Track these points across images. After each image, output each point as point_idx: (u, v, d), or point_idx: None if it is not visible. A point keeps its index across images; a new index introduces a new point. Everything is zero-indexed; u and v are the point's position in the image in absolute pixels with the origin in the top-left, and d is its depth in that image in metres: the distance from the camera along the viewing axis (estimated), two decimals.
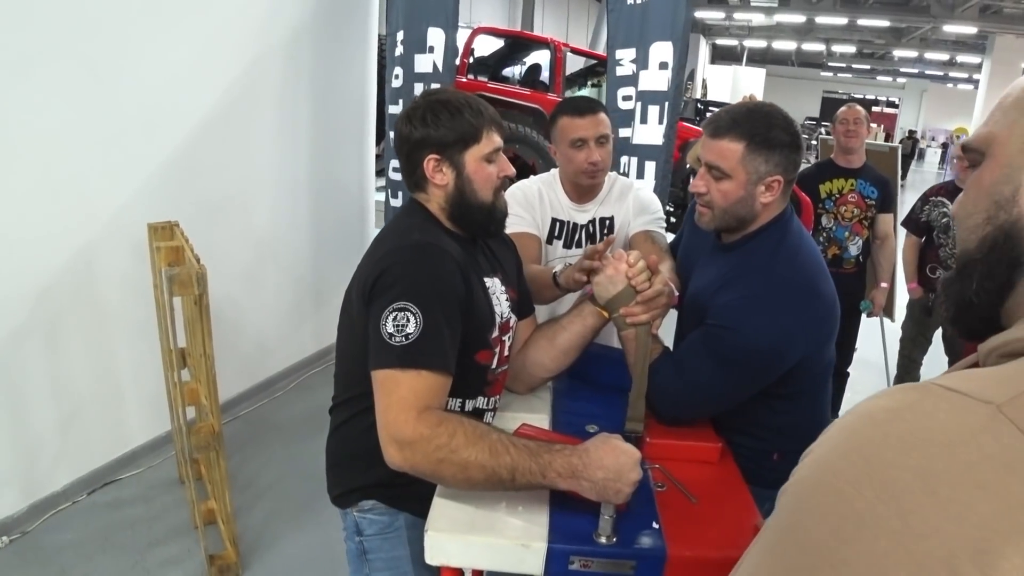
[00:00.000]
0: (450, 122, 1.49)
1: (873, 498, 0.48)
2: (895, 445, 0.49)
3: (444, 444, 1.27)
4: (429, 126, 1.49)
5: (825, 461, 0.53)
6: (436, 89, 1.59)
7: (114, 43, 2.95)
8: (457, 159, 1.52)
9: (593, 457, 1.27)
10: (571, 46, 8.51)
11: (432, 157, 1.50)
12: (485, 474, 1.27)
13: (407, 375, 1.31)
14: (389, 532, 1.57)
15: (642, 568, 1.27)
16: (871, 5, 20.32)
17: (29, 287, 2.78)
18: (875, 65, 33.88)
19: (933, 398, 0.52)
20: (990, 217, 0.65)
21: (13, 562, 2.70)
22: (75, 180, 2.87)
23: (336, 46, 4.49)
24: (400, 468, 1.30)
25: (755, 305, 1.55)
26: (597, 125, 2.18)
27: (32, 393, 2.86)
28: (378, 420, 1.32)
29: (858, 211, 3.71)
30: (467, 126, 1.50)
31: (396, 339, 1.31)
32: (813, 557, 0.50)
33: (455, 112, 1.50)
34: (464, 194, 1.53)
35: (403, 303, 1.33)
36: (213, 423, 2.56)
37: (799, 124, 3.70)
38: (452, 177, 1.52)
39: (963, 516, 0.45)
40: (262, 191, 4.01)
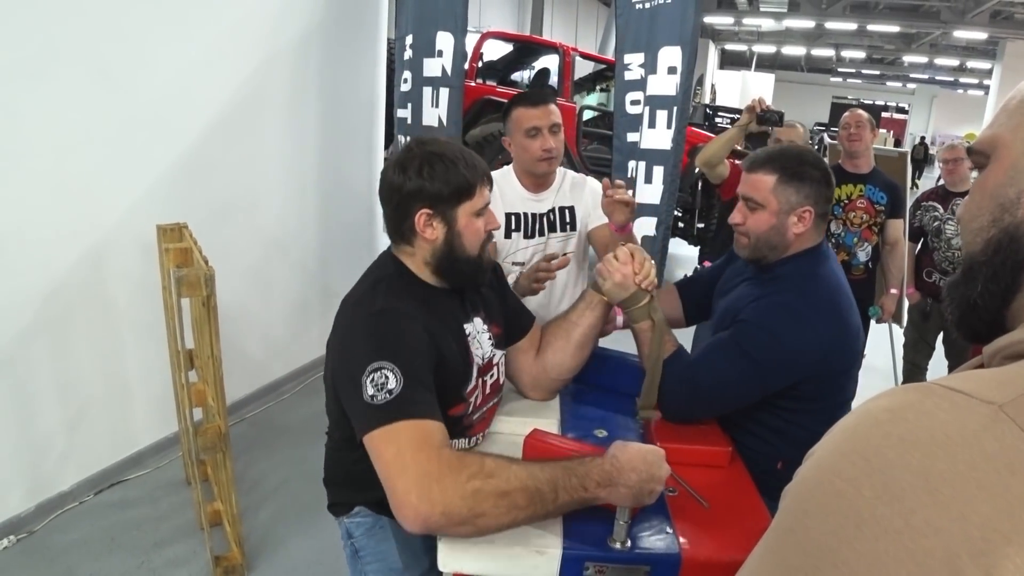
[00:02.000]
0: (445, 175, 1.44)
1: (873, 498, 0.48)
2: (896, 445, 0.49)
3: (477, 472, 1.21)
4: (424, 179, 1.44)
5: (826, 461, 0.53)
6: (429, 139, 1.52)
7: (125, 46, 2.96)
8: (449, 214, 1.47)
9: (624, 462, 1.27)
10: (580, 50, 8.51)
11: (424, 211, 1.45)
12: (528, 495, 1.21)
13: (404, 426, 1.25)
14: (375, 530, 1.59)
15: (657, 572, 1.27)
16: (881, 10, 20.30)
17: (39, 286, 2.79)
18: (885, 71, 33.83)
19: (935, 398, 0.51)
20: (995, 220, 0.65)
21: (20, 561, 2.71)
22: (85, 181, 2.88)
23: (345, 50, 4.50)
24: (428, 523, 1.18)
25: (783, 310, 1.64)
26: (549, 115, 2.32)
27: (40, 393, 2.87)
28: (387, 480, 1.23)
29: (867, 217, 3.69)
30: (462, 180, 1.46)
31: (379, 398, 1.27)
32: (814, 557, 0.50)
33: (450, 165, 1.45)
34: (453, 249, 1.49)
35: (378, 363, 1.29)
36: (220, 424, 2.56)
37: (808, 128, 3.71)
38: (442, 232, 1.48)
39: (965, 516, 0.45)
40: (270, 193, 4.01)
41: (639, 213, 4.04)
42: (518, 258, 2.45)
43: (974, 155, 0.70)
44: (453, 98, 4.48)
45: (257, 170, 3.87)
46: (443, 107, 4.51)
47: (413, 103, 4.59)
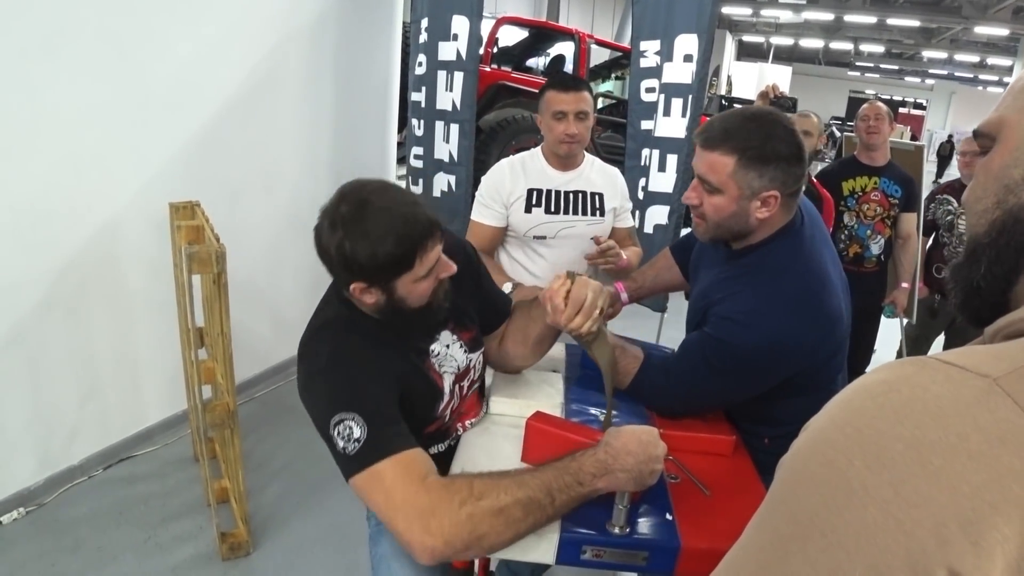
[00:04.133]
0: (372, 253, 1.28)
1: (864, 468, 0.48)
2: (889, 416, 0.50)
3: (467, 496, 1.19)
4: (350, 255, 1.29)
5: (820, 431, 0.54)
6: (361, 194, 1.31)
7: (141, 22, 2.97)
8: (387, 285, 1.34)
9: (618, 447, 1.25)
10: (596, 37, 8.47)
11: (358, 285, 1.33)
12: (523, 507, 1.19)
13: (382, 467, 1.23)
14: None
15: (655, 559, 1.27)
16: (901, 4, 20.12)
17: (52, 262, 2.81)
18: (903, 65, 33.54)
19: (929, 371, 0.52)
20: (999, 201, 0.65)
21: (29, 533, 2.74)
22: (99, 158, 2.90)
23: (361, 32, 4.49)
24: (436, 554, 1.18)
25: (755, 320, 1.52)
26: (579, 101, 2.38)
27: (52, 367, 2.89)
28: (386, 522, 1.23)
29: (881, 210, 3.67)
30: (393, 259, 1.30)
31: (349, 448, 1.25)
32: (804, 526, 0.51)
33: (378, 242, 1.28)
34: (396, 307, 1.38)
35: (338, 416, 1.26)
36: (228, 401, 2.58)
37: (824, 123, 3.68)
38: (382, 298, 1.36)
39: (954, 486, 0.45)
40: (284, 174, 4.02)
41: (653, 201, 4.04)
42: (539, 232, 2.50)
43: (980, 137, 0.69)
44: (467, 82, 4.47)
45: (271, 150, 3.88)
46: (457, 91, 4.50)
47: (427, 87, 4.58)
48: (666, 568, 1.27)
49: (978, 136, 0.70)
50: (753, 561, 0.56)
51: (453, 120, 4.53)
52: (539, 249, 2.53)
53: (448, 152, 4.60)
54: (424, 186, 4.82)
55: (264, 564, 2.70)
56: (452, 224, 4.69)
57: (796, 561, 0.51)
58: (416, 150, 4.81)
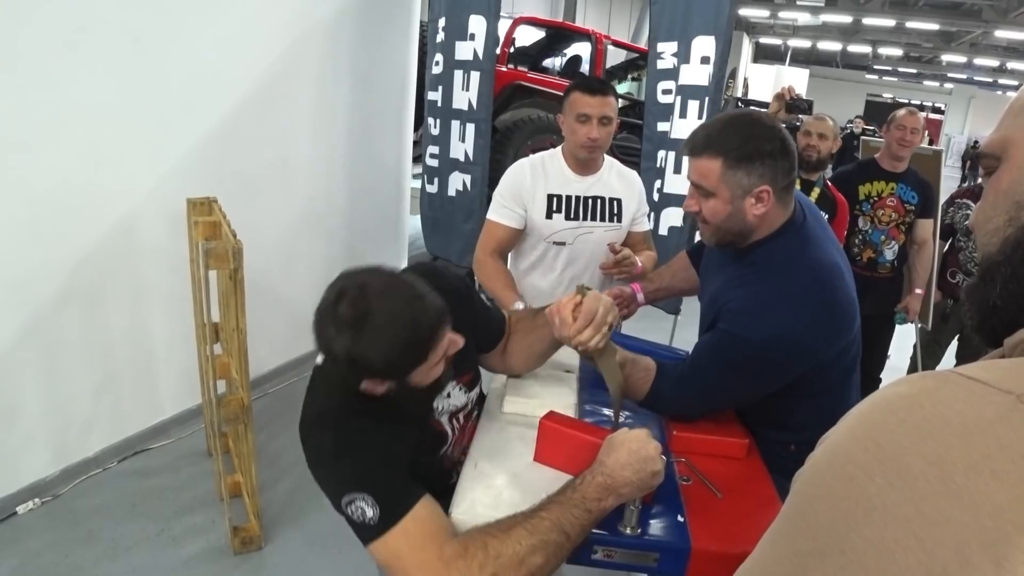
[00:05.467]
0: (390, 359, 1.23)
1: (885, 484, 0.48)
2: (911, 432, 0.49)
3: (484, 560, 1.17)
4: (367, 361, 1.23)
5: (839, 446, 0.53)
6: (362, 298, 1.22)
7: (160, 19, 2.99)
8: (400, 379, 1.30)
9: (612, 465, 1.25)
10: (612, 38, 8.46)
11: (370, 383, 1.29)
12: (543, 553, 1.18)
13: (397, 533, 1.23)
14: None
15: (665, 560, 1.27)
16: (920, 7, 19.96)
17: (70, 255, 2.84)
18: (922, 69, 33.24)
19: (952, 386, 0.51)
20: (1011, 218, 0.65)
21: (44, 523, 2.77)
22: (118, 152, 2.92)
23: (378, 30, 4.51)
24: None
25: (766, 311, 1.53)
26: (603, 106, 2.35)
27: (69, 360, 2.92)
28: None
29: (896, 216, 3.64)
30: (409, 361, 1.28)
31: (366, 522, 1.24)
32: (822, 542, 0.50)
33: (391, 347, 1.22)
34: (402, 395, 1.34)
35: (349, 496, 1.25)
36: (243, 396, 2.60)
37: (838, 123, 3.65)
38: (394, 386, 1.31)
39: (977, 505, 0.45)
40: (300, 170, 4.04)
41: (668, 203, 4.04)
42: (559, 238, 2.50)
43: (984, 159, 0.70)
44: (484, 82, 4.49)
45: (288, 147, 3.90)
46: (473, 91, 4.52)
47: (444, 86, 4.60)
48: (677, 570, 1.27)
49: (982, 157, 0.70)
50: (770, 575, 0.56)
51: (469, 119, 4.55)
52: (556, 253, 2.53)
53: (464, 151, 4.62)
54: (439, 185, 4.83)
55: (275, 558, 2.71)
56: (467, 223, 4.70)
57: None
58: (432, 149, 4.82)
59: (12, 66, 2.52)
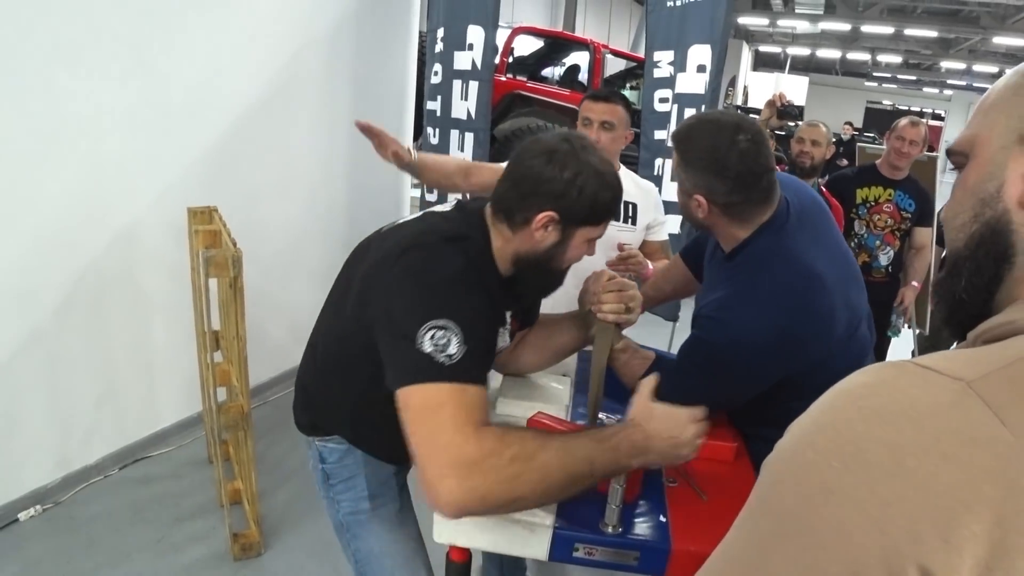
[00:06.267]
0: (593, 197, 1.36)
1: (842, 468, 0.50)
2: (867, 418, 0.52)
3: (518, 453, 1.15)
4: (573, 188, 1.34)
5: (801, 433, 0.56)
6: (589, 145, 1.40)
7: (162, 31, 3.03)
8: (569, 230, 1.39)
9: (649, 433, 1.25)
10: (610, 48, 8.52)
11: (550, 215, 1.36)
12: (566, 473, 1.18)
13: (451, 390, 1.19)
14: (347, 458, 1.62)
15: (645, 560, 1.29)
16: (919, 15, 19.99)
17: (72, 264, 2.87)
18: (921, 76, 33.28)
19: (908, 375, 0.53)
20: (976, 215, 0.67)
21: (45, 530, 2.79)
22: (120, 162, 2.96)
23: (377, 41, 4.54)
24: (463, 510, 1.16)
25: (729, 318, 1.52)
26: (605, 112, 2.41)
27: (71, 368, 2.95)
28: (421, 456, 1.16)
29: (892, 222, 3.67)
30: (603, 208, 1.39)
31: (437, 358, 1.19)
32: (784, 524, 0.53)
33: (602, 190, 1.36)
34: (551, 259, 1.42)
35: (442, 321, 1.20)
36: (243, 403, 2.62)
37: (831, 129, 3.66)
38: (553, 240, 1.39)
39: (927, 485, 0.47)
40: (300, 181, 4.08)
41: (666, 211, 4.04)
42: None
43: (954, 156, 0.72)
44: (482, 91, 4.52)
45: (288, 157, 3.94)
46: (472, 100, 4.55)
47: (443, 95, 4.63)
48: (657, 570, 1.29)
49: (952, 154, 0.73)
50: (736, 559, 0.58)
51: (468, 129, 4.58)
52: None
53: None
54: (439, 194, 4.86)
55: (275, 565, 2.73)
56: None
57: (777, 559, 0.53)
58: None
59: (14, 76, 2.55)
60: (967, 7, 18.67)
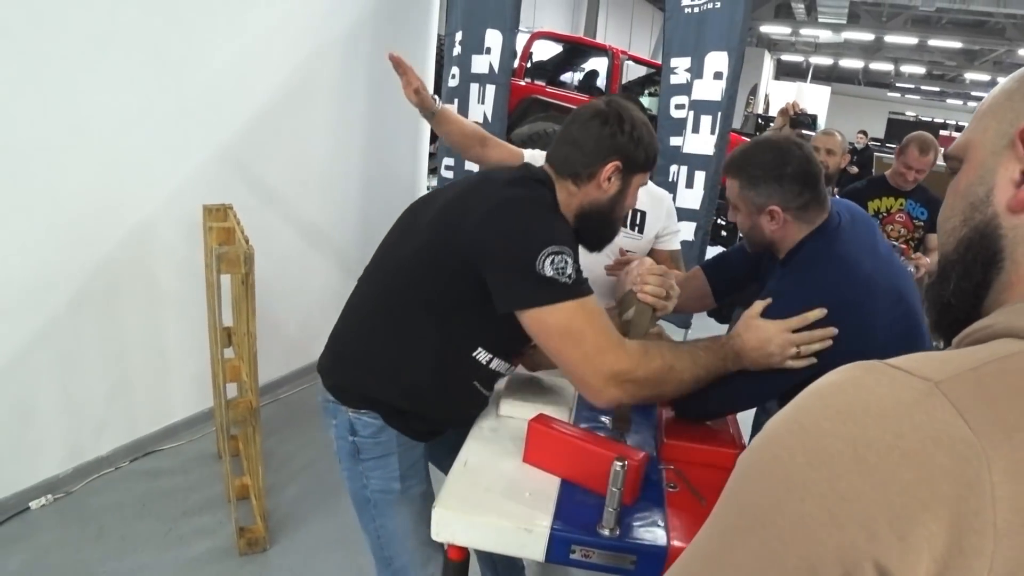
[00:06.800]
0: (647, 145, 1.59)
1: (805, 464, 0.51)
2: (832, 416, 0.52)
3: (662, 364, 1.42)
4: (633, 140, 1.56)
5: (771, 430, 0.56)
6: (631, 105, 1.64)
7: (181, 33, 3.06)
8: (628, 178, 1.59)
9: (745, 340, 1.50)
10: (629, 53, 8.52)
11: (616, 164, 1.55)
12: (692, 376, 1.46)
13: (580, 307, 1.37)
14: (380, 436, 1.63)
15: (642, 563, 1.29)
16: (943, 26, 19.85)
17: (89, 257, 2.90)
18: (945, 87, 33.03)
19: (876, 374, 0.54)
20: (966, 219, 0.67)
21: (55, 519, 2.82)
22: (137, 159, 2.99)
23: (395, 43, 4.55)
24: (616, 403, 1.44)
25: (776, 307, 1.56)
26: None
27: (85, 361, 2.98)
28: (576, 364, 1.39)
29: (905, 231, 3.65)
30: (652, 154, 1.62)
31: (562, 279, 1.35)
32: (748, 518, 0.54)
33: (651, 139, 1.60)
34: (613, 208, 1.61)
35: (557, 248, 1.37)
36: (251, 399, 2.64)
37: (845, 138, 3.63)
38: (615, 189, 1.59)
39: (886, 483, 0.47)
40: (315, 180, 4.10)
41: (680, 218, 4.04)
42: None
43: (949, 160, 0.72)
44: (499, 95, 4.54)
45: (304, 157, 3.96)
46: (488, 104, 4.57)
47: (460, 99, 4.65)
48: (653, 574, 1.29)
49: (948, 159, 0.73)
50: (703, 552, 0.59)
51: None
52: None
53: None
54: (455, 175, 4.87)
55: (280, 560, 2.75)
56: None
57: (739, 552, 0.54)
58: (447, 160, 4.87)
59: (37, 74, 2.58)
60: (993, 18, 18.51)
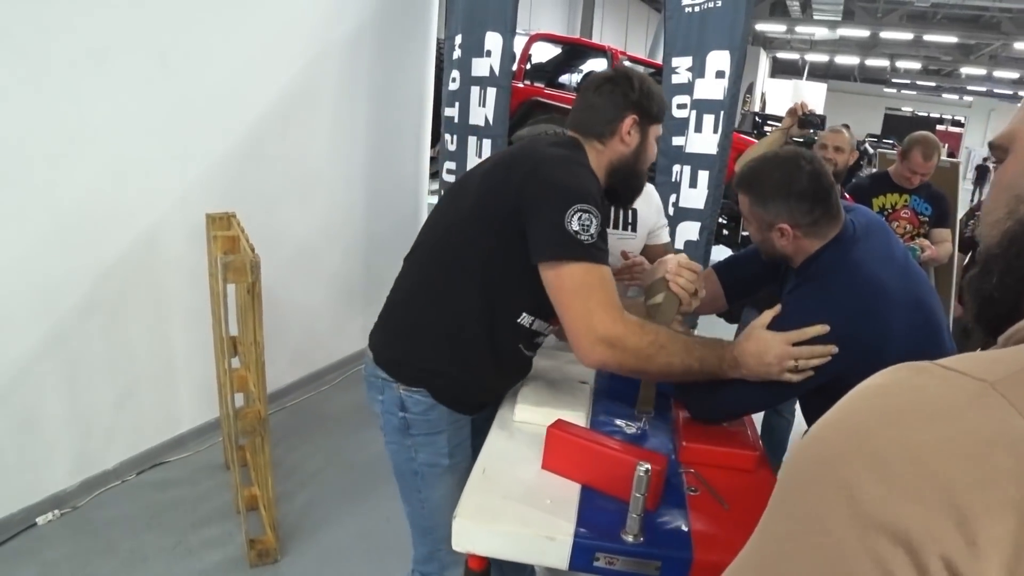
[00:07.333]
0: (658, 98, 1.74)
1: (860, 467, 0.48)
2: (881, 417, 0.50)
3: (653, 341, 1.47)
4: (644, 95, 1.70)
5: (818, 433, 0.54)
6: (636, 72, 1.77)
7: (185, 39, 3.04)
8: (646, 129, 1.72)
9: (744, 348, 1.53)
10: (628, 54, 8.51)
11: (634, 117, 1.68)
12: (682, 363, 1.50)
13: (599, 271, 1.45)
14: (431, 413, 1.68)
15: (667, 569, 1.27)
16: (939, 21, 19.89)
17: (93, 267, 2.88)
18: (941, 82, 33.08)
19: (926, 375, 0.52)
20: (1011, 211, 0.65)
21: (63, 534, 2.80)
22: (141, 167, 2.97)
23: (395, 49, 4.55)
24: (602, 364, 1.47)
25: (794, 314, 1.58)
26: None
27: (90, 372, 2.96)
28: (575, 319, 1.45)
29: (910, 227, 3.64)
30: (661, 107, 1.75)
31: (583, 236, 1.43)
32: (800, 524, 0.51)
33: (660, 92, 1.76)
34: (637, 160, 1.74)
35: (587, 205, 1.45)
36: (260, 408, 2.62)
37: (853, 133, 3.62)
38: (636, 141, 1.71)
39: (948, 486, 0.45)
40: (318, 186, 4.08)
41: (684, 217, 4.04)
42: None
43: (995, 150, 0.70)
44: (500, 98, 4.51)
45: (307, 163, 3.95)
46: (490, 107, 4.54)
47: (460, 102, 4.62)
48: None
49: (993, 149, 0.71)
50: (755, 564, 0.57)
51: (486, 135, 4.57)
52: None
53: None
54: None
55: (291, 571, 2.72)
56: None
57: (796, 560, 0.52)
58: (449, 164, 4.85)
59: (41, 81, 2.57)
60: (988, 12, 18.55)
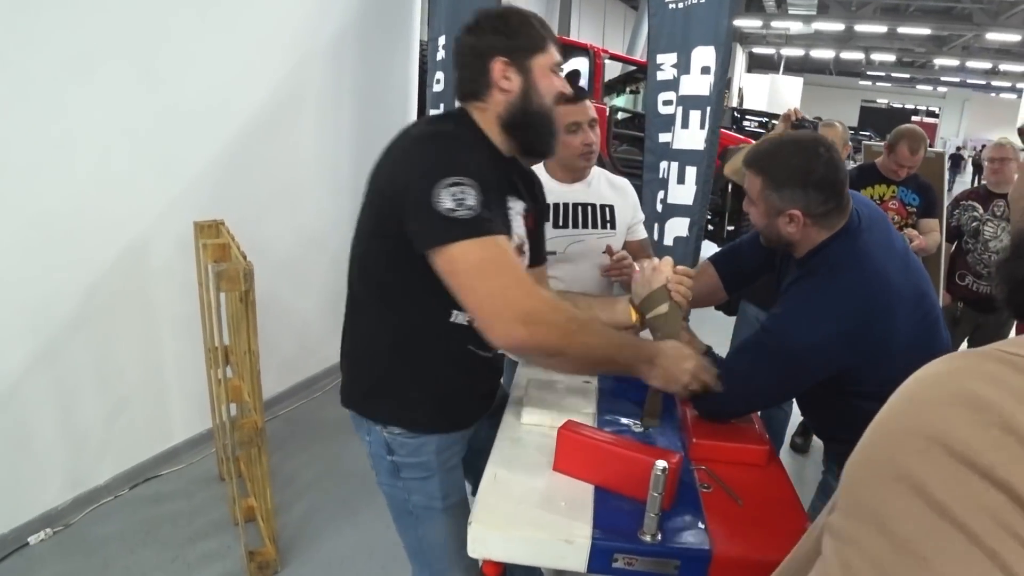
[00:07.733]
0: (519, 28, 1.50)
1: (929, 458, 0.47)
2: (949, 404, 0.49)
3: (572, 317, 1.35)
4: (500, 33, 1.49)
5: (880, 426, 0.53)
6: (498, 6, 1.62)
7: (167, 45, 3.01)
8: (525, 64, 1.50)
9: (661, 348, 1.52)
10: (610, 52, 8.50)
11: (501, 59, 1.48)
12: (602, 349, 1.41)
13: (493, 243, 1.29)
14: (420, 454, 1.61)
15: (686, 568, 1.26)
16: (912, 13, 20.07)
17: (81, 279, 2.84)
18: (915, 74, 33.38)
19: (991, 361, 0.51)
20: None
21: (57, 553, 2.75)
22: (127, 176, 2.93)
23: (379, 51, 4.53)
24: (521, 346, 1.31)
25: (801, 304, 1.59)
26: (587, 110, 2.35)
27: (79, 386, 2.92)
28: (484, 299, 1.29)
29: (898, 219, 3.65)
30: (535, 34, 1.52)
31: (460, 212, 1.26)
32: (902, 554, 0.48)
33: (523, 20, 1.52)
34: (529, 100, 1.50)
35: (455, 178, 1.28)
36: (256, 419, 2.59)
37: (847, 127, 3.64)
38: (519, 83, 1.50)
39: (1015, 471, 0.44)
40: (306, 192, 4.06)
41: (672, 214, 4.04)
42: (549, 247, 2.45)
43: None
44: None
45: (293, 169, 3.92)
46: None
47: (446, 104, 4.61)
48: None
49: (1022, 134, 0.70)
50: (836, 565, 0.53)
51: None
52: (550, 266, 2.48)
53: None
54: None
55: None
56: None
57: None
58: None
59: (25, 92, 2.53)
60: (960, 4, 18.75)
